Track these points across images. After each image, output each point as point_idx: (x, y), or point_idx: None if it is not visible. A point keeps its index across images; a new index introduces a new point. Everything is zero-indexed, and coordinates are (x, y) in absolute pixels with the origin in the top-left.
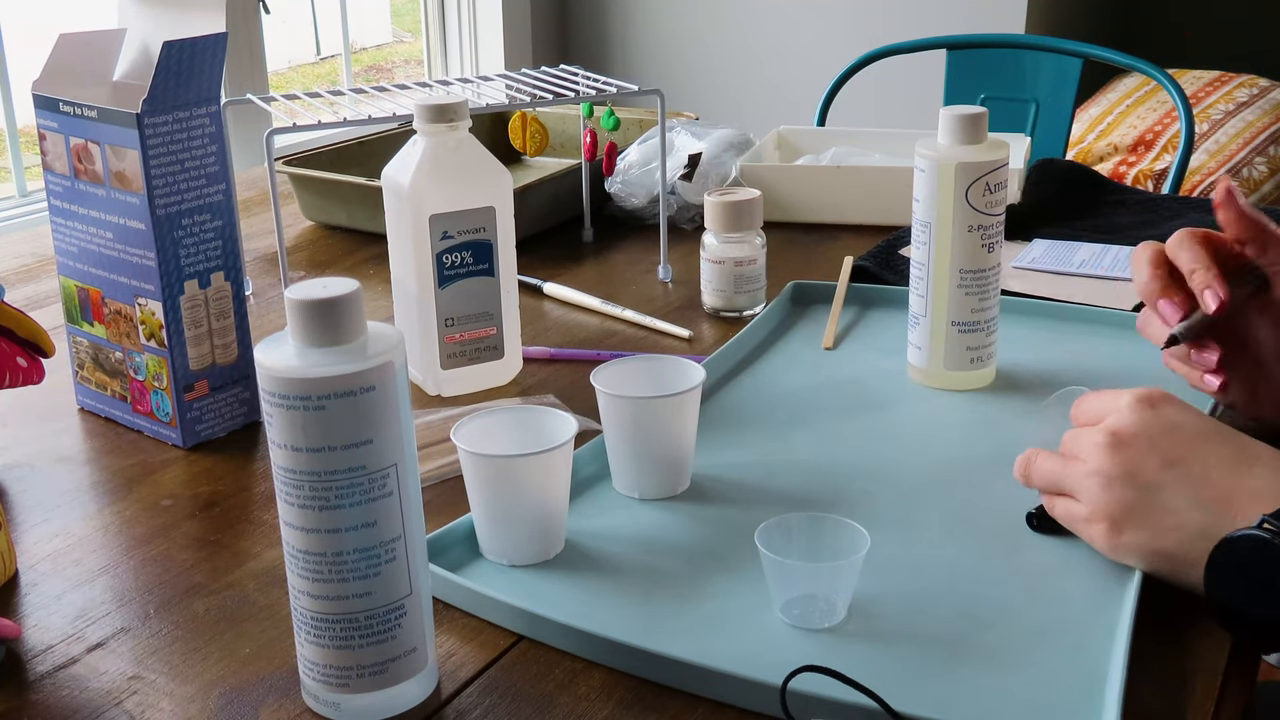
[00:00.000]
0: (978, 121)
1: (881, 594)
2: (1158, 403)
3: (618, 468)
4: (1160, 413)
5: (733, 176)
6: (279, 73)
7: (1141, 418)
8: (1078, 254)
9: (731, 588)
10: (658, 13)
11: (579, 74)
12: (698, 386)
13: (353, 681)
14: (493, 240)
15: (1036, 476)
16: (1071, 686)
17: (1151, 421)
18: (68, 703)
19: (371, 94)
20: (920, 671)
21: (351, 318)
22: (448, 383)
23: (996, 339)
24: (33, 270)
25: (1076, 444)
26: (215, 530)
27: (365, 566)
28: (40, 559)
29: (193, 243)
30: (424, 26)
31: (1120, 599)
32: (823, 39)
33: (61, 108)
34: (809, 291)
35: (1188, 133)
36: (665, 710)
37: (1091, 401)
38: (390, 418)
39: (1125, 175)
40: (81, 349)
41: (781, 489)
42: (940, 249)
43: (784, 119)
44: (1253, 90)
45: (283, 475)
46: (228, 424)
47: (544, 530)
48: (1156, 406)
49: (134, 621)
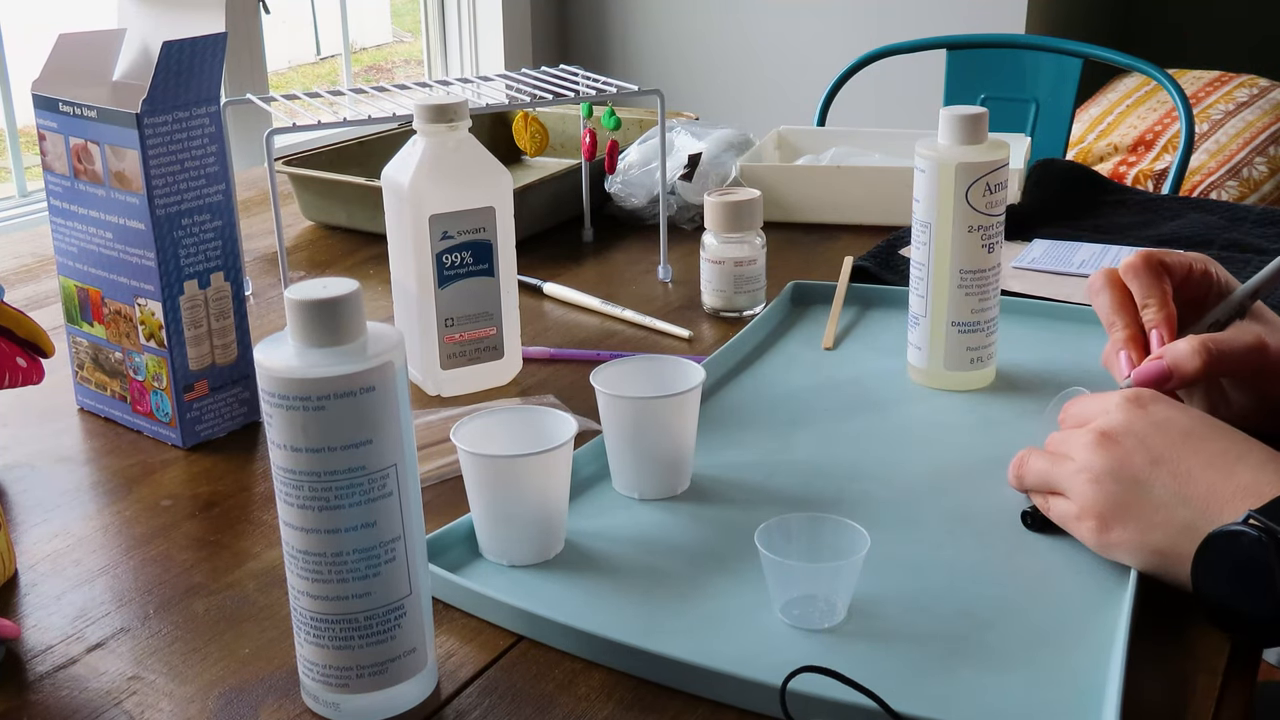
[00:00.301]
0: (978, 122)
1: (881, 594)
2: (1146, 402)
3: (618, 468)
4: (1149, 411)
5: (733, 176)
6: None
7: (1130, 417)
8: (1078, 254)
9: (731, 588)
10: (658, 13)
11: (579, 74)
12: (698, 386)
13: (352, 682)
14: (493, 240)
15: (1029, 476)
16: (1071, 686)
17: (1140, 420)
18: (68, 703)
19: (371, 94)
20: (920, 671)
21: (351, 318)
22: (448, 383)
23: (996, 339)
24: (33, 270)
25: (1065, 444)
26: (215, 530)
27: (365, 567)
28: (40, 559)
29: (192, 243)
30: (424, 26)
31: (1120, 599)
32: (823, 39)
33: (61, 108)
34: (809, 291)
35: (1188, 133)
36: (665, 710)
37: (1080, 404)
38: (390, 418)
39: (1125, 175)
40: (81, 349)
41: (781, 489)
42: (940, 249)
43: (784, 119)
44: (1253, 90)
45: (282, 475)
46: (228, 424)
47: (544, 530)
48: (1145, 406)
49: (134, 622)
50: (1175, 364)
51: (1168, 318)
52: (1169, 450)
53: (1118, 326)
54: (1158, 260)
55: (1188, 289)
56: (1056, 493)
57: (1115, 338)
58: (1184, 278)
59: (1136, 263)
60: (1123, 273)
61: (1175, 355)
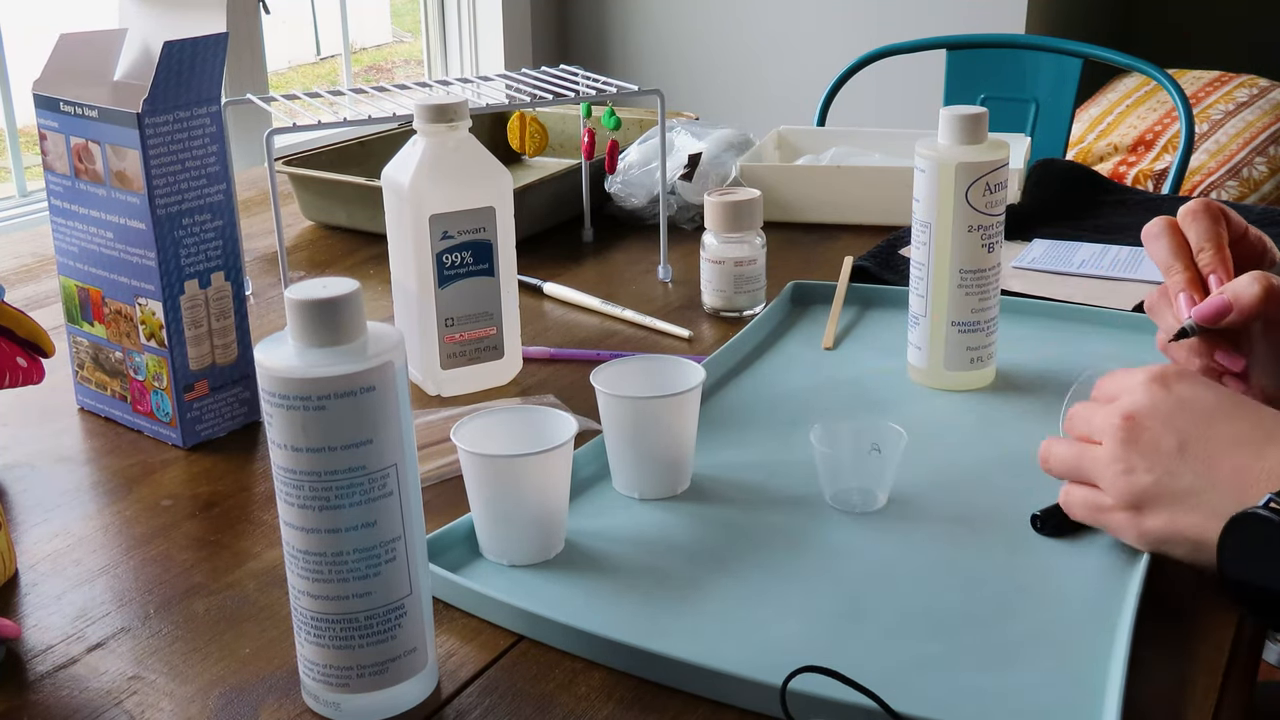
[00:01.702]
0: (978, 121)
1: (882, 594)
2: (1171, 381)
3: (618, 468)
4: (1174, 391)
5: (733, 176)
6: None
7: (1155, 397)
8: (1078, 254)
9: (731, 588)
10: (658, 13)
11: (579, 74)
12: (698, 386)
13: (353, 681)
14: (493, 240)
15: (1055, 462)
16: (1071, 686)
17: (1164, 400)
18: (68, 703)
19: (371, 94)
20: (920, 671)
21: (351, 318)
22: (448, 383)
23: (996, 339)
24: (33, 270)
25: (1090, 424)
26: (215, 530)
27: (365, 566)
28: (40, 559)
29: (193, 243)
30: (424, 26)
31: (1120, 599)
32: (823, 39)
33: (62, 107)
34: (809, 291)
35: (1188, 133)
36: (665, 710)
37: (1106, 382)
38: (390, 418)
39: (1125, 175)
40: (81, 349)
41: (781, 489)
42: (940, 249)
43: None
44: (1253, 90)
45: (283, 475)
46: (228, 424)
47: (544, 530)
48: (1169, 385)
49: (134, 621)
50: (1236, 295)
51: (1224, 260)
52: (1194, 431)
53: (1176, 270)
54: (1218, 208)
55: (1243, 247)
56: (1084, 481)
57: (1174, 280)
58: (1241, 235)
59: (1196, 207)
60: (1181, 218)
61: (1235, 287)
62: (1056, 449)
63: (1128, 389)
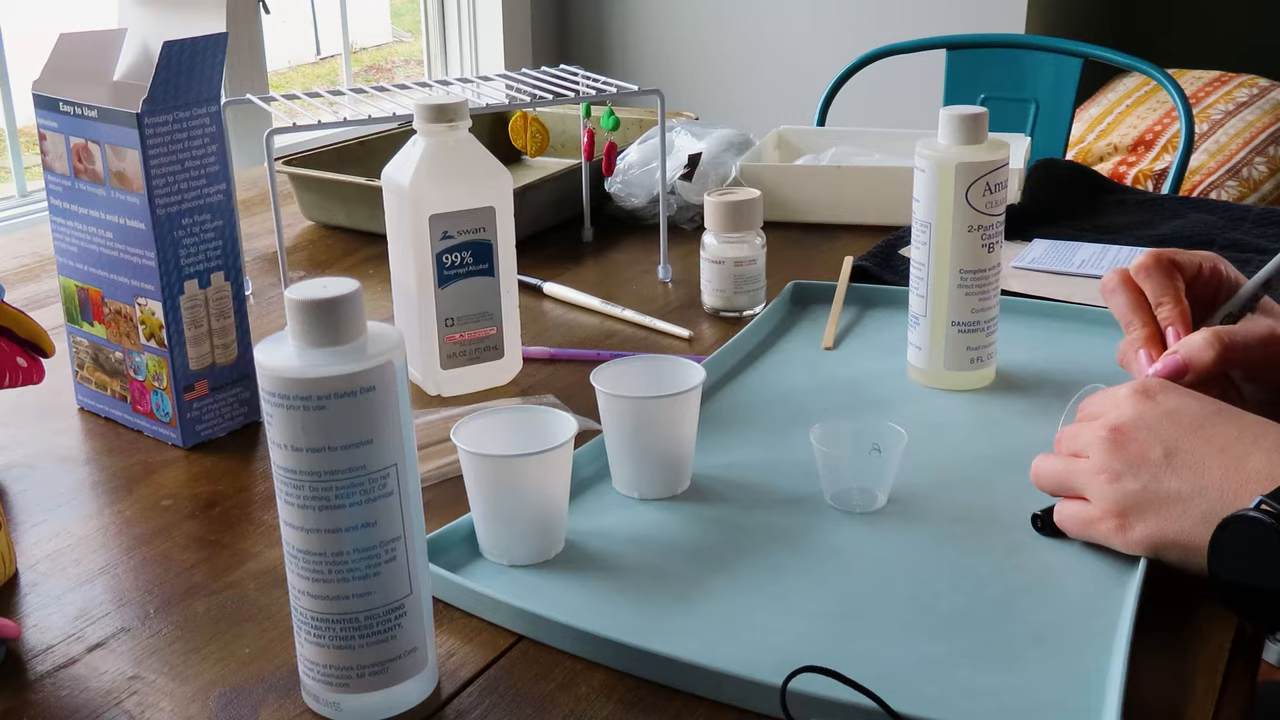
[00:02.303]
0: (978, 121)
1: (882, 593)
2: (1155, 392)
3: (618, 468)
4: (1158, 401)
5: (733, 176)
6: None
7: (1140, 409)
8: (1078, 254)
9: (731, 588)
10: (658, 13)
11: (579, 74)
12: (698, 386)
13: (353, 681)
14: (493, 240)
15: (1044, 476)
16: (1071, 686)
17: (1150, 411)
18: (68, 703)
19: (371, 94)
20: (920, 671)
21: (351, 318)
22: (448, 383)
23: (996, 339)
24: (33, 270)
25: (1077, 440)
26: (215, 530)
27: (365, 566)
28: (40, 559)
29: (193, 243)
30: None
31: (1120, 599)
32: (823, 39)
33: (62, 107)
34: (809, 291)
35: (1188, 133)
36: (665, 710)
37: (1092, 400)
38: (390, 418)
39: (1125, 175)
40: (81, 349)
41: (781, 489)
42: (940, 249)
43: (784, 119)
44: (1253, 90)
45: (283, 475)
46: (228, 424)
47: (544, 530)
48: (1154, 396)
49: (134, 621)
50: (1190, 357)
51: (1182, 314)
52: (1181, 439)
53: (1135, 325)
54: (1169, 259)
55: (1199, 287)
56: (1074, 495)
57: (1133, 336)
58: (1194, 275)
59: (1148, 262)
60: (1134, 273)
61: (1190, 349)
62: (1045, 464)
63: (1113, 404)
